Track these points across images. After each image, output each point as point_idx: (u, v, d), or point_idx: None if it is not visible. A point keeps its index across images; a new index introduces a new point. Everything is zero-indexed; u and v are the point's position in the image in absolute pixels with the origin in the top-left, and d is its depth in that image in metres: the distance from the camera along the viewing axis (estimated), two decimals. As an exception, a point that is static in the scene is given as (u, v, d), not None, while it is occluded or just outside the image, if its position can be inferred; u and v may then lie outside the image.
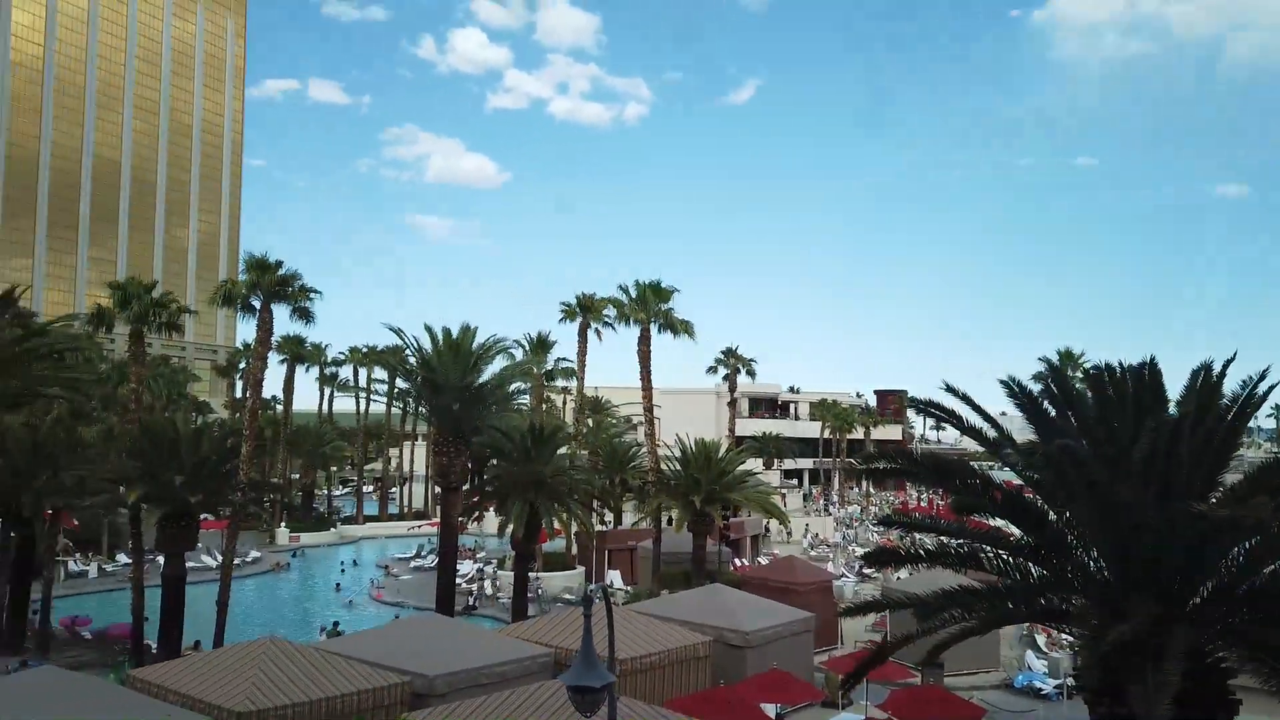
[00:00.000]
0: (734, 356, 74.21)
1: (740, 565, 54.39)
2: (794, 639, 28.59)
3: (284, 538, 69.20)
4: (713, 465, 42.46)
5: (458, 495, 36.91)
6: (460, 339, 35.58)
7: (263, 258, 37.02)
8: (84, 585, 49.77)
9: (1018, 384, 15.71)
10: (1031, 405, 15.59)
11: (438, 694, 20.39)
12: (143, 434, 33.52)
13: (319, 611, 48.02)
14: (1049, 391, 15.62)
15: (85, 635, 38.02)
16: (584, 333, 55.90)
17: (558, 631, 24.64)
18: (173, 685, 18.85)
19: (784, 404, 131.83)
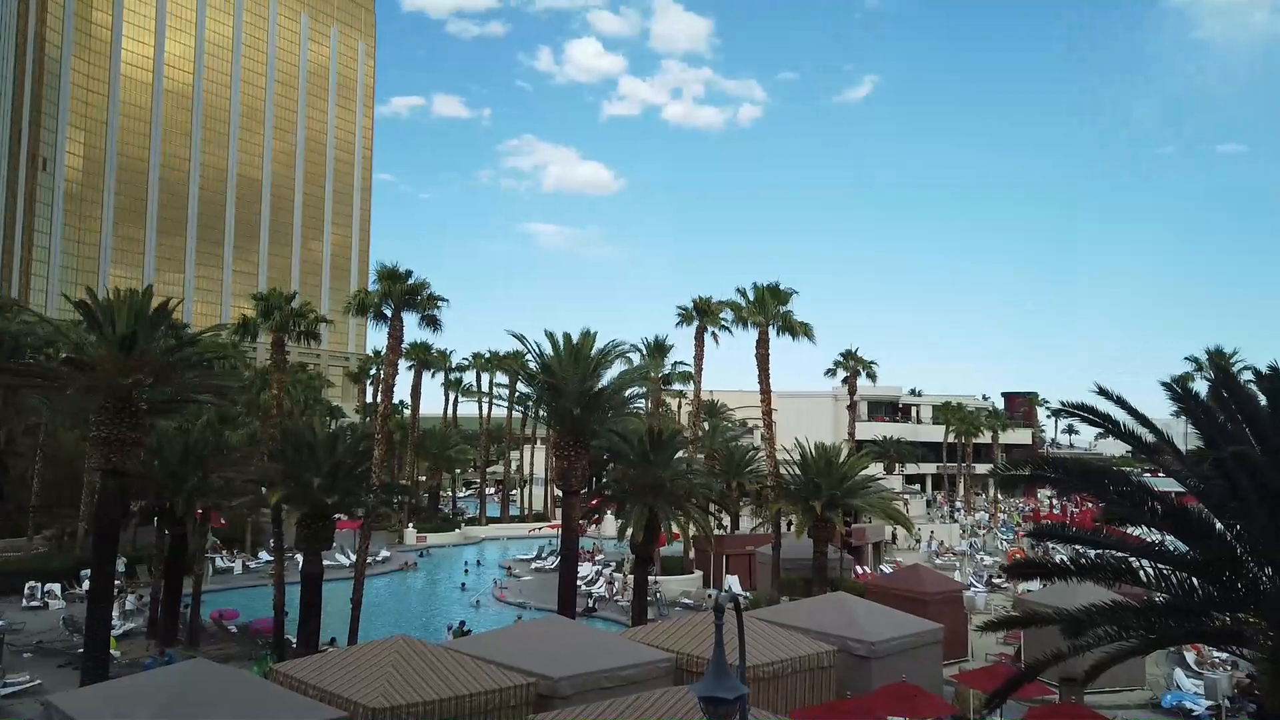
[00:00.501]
0: (853, 359, 72.66)
1: (862, 573, 53.18)
2: (922, 651, 27.70)
3: (411, 538, 71.60)
4: (833, 470, 41.61)
5: (578, 498, 37.32)
6: (580, 344, 35.96)
7: (393, 268, 38.39)
8: (230, 581, 52.67)
9: (1182, 386, 14.64)
10: (1198, 409, 14.50)
11: (562, 696, 20.63)
12: (283, 438, 35.23)
13: (445, 610, 49.42)
14: (1216, 394, 14.50)
15: (231, 629, 40.21)
16: (700, 336, 55.74)
17: (679, 636, 24.57)
18: (312, 680, 19.67)
19: (905, 407, 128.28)
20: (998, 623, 16.42)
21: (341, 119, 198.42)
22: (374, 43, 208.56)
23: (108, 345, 28.04)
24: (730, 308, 50.74)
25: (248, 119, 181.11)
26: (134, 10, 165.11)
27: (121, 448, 27.95)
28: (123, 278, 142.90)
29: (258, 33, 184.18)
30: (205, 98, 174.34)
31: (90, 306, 28.89)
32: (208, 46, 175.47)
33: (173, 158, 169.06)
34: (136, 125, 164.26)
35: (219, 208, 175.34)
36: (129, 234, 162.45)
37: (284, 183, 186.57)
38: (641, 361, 56.91)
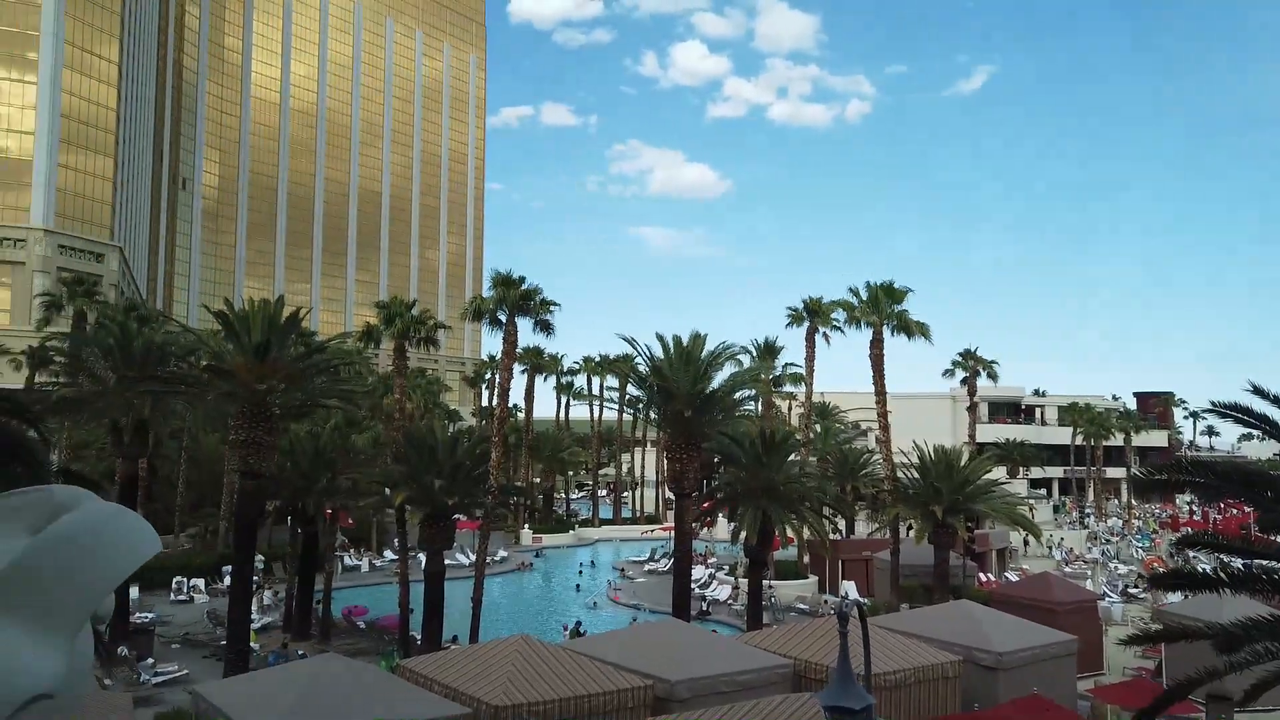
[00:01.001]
0: (973, 358, 70.31)
1: (986, 580, 51.30)
2: (1053, 663, 26.44)
3: (527, 538, 72.95)
4: (954, 473, 40.27)
5: (690, 501, 37.26)
6: (691, 346, 35.91)
7: (507, 274, 39.20)
8: (357, 578, 54.74)
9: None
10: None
11: (679, 699, 20.56)
12: (406, 441, 36.40)
13: (560, 610, 50.11)
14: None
15: (360, 625, 41.79)
16: (811, 337, 54.93)
17: (796, 642, 24.18)
18: (437, 676, 20.19)
19: (1028, 408, 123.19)
20: (1143, 636, 15.46)
21: (455, 131, 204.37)
22: (485, 55, 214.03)
23: (244, 353, 29.55)
24: (842, 307, 49.79)
25: (367, 134, 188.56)
26: (262, 35, 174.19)
27: (258, 450, 29.40)
28: (255, 289, 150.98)
29: (376, 51, 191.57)
30: (328, 115, 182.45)
31: (228, 316, 30.52)
32: (330, 66, 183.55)
33: (299, 173, 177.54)
34: (266, 144, 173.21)
35: (342, 220, 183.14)
36: (260, 247, 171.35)
37: (402, 194, 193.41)
38: (752, 363, 56.47)
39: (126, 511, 2.24)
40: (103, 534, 2.16)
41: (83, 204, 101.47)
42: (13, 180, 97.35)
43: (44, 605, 1.93)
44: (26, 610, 1.89)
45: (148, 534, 2.29)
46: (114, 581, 2.18)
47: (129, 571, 2.17)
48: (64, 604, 1.99)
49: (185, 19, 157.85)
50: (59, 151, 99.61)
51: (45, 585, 1.96)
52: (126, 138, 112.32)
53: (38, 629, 1.90)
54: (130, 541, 2.24)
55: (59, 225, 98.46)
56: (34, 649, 1.85)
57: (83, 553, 2.08)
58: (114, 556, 2.16)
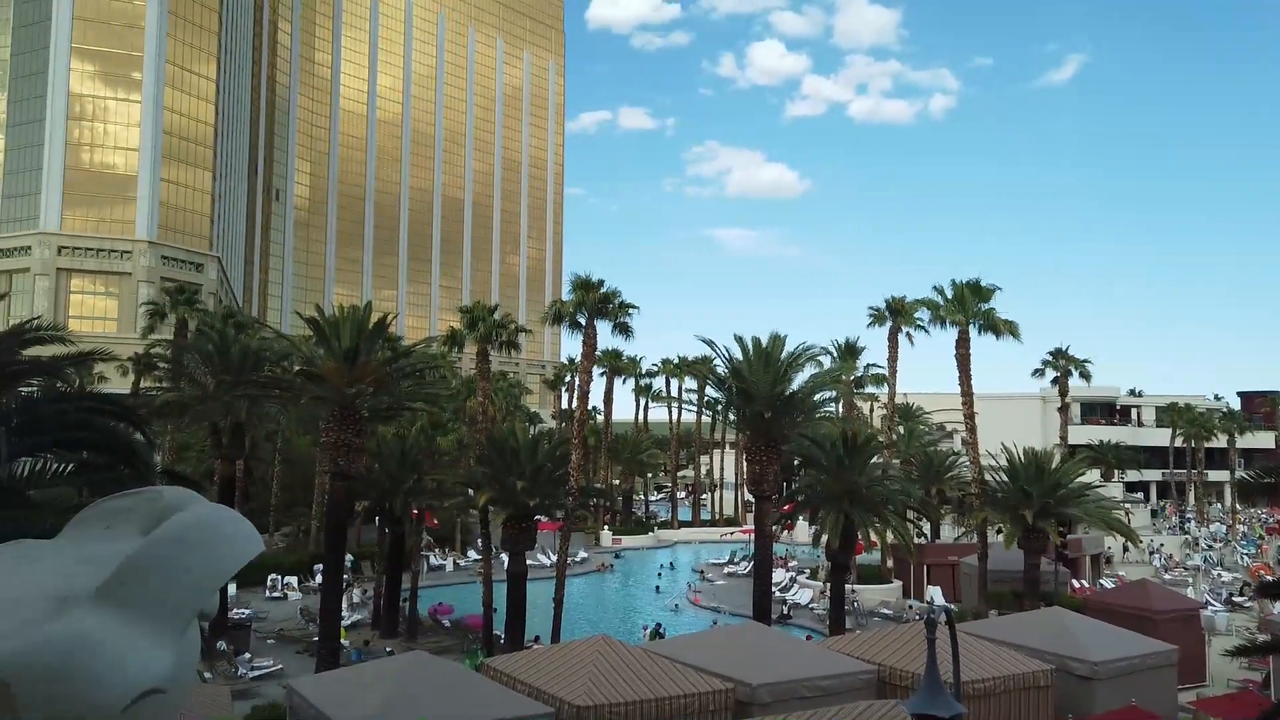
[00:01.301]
0: (1064, 357, 68.05)
1: (1079, 587, 49.62)
2: (1152, 673, 25.41)
3: (607, 540, 73.42)
4: (1045, 476, 39.03)
5: (770, 504, 36.98)
6: (770, 348, 35.64)
7: (586, 278, 39.53)
8: (441, 578, 55.88)
9: None
10: None
11: (760, 703, 20.44)
12: (489, 443, 37.04)
13: (639, 611, 50.28)
14: None
15: (445, 623, 42.65)
16: (894, 337, 53.98)
17: (880, 648, 23.77)
18: (520, 676, 20.49)
19: (1123, 409, 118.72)
20: (1251, 648, 14.78)
21: (535, 137, 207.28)
22: (563, 61, 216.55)
23: (334, 358, 30.50)
24: (926, 306, 48.80)
25: (450, 142, 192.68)
26: (350, 49, 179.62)
27: (347, 452, 30.31)
28: (344, 295, 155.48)
29: (458, 60, 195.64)
30: (412, 124, 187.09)
31: (319, 323, 31.56)
32: (414, 77, 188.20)
33: (385, 182, 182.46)
34: (354, 154, 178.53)
35: (426, 227, 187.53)
36: (349, 255, 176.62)
37: (483, 200, 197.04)
38: (833, 364, 55.83)
39: (231, 512, 2.37)
40: (210, 534, 2.29)
41: (183, 216, 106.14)
42: (119, 195, 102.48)
43: (156, 603, 2.05)
44: (140, 607, 2.01)
45: (251, 534, 2.42)
46: (221, 579, 2.31)
47: (234, 570, 2.29)
48: (174, 601, 2.11)
49: (278, 36, 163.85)
50: (161, 167, 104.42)
51: (157, 583, 2.08)
52: (224, 152, 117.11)
53: (150, 626, 2.02)
54: (235, 541, 2.37)
55: (162, 237, 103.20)
56: (147, 645, 1.96)
57: (192, 552, 2.20)
58: (220, 556, 2.27)
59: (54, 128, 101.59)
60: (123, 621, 1.96)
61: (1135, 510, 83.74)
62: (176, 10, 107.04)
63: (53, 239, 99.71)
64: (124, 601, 2.00)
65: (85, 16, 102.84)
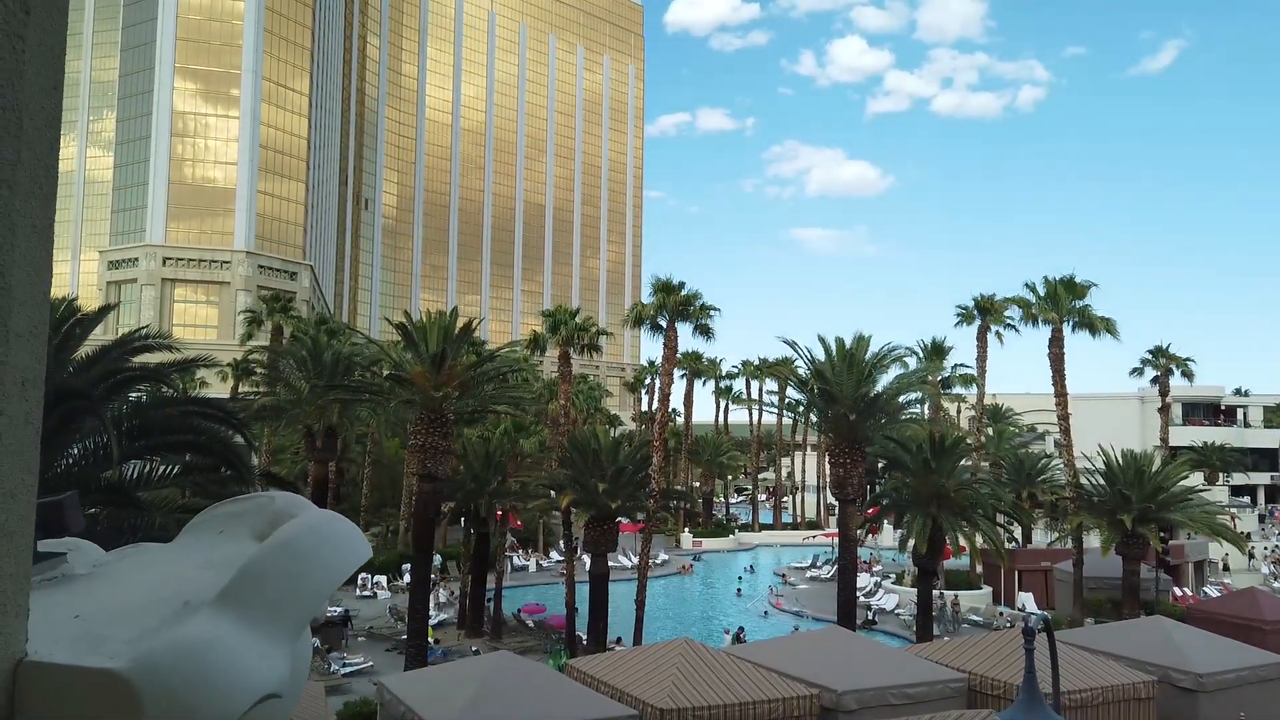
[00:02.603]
0: (1165, 355, 65.34)
1: (1182, 595, 47.55)
2: (1264, 686, 24.17)
3: (688, 542, 73.36)
4: (1145, 480, 37.58)
5: (855, 507, 36.47)
6: (854, 348, 35.16)
7: (667, 280, 39.65)
8: (525, 578, 56.65)
9: None
10: None
11: (846, 710, 20.16)
12: (571, 446, 37.45)
13: (720, 614, 50.10)
14: None
15: (529, 623, 43.25)
16: (983, 336, 52.65)
17: (970, 655, 23.19)
18: (603, 677, 20.65)
19: (1229, 409, 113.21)
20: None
21: (615, 141, 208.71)
22: (643, 66, 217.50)
23: (422, 362, 31.27)
24: (1017, 304, 47.50)
25: (531, 149, 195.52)
26: (435, 60, 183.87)
27: (435, 454, 31.02)
28: (430, 300, 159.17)
29: (539, 68, 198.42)
30: (495, 132, 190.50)
31: (407, 328, 32.40)
32: (496, 85, 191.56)
33: (469, 190, 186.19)
34: (439, 163, 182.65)
35: (508, 233, 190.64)
36: (435, 261, 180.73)
37: (564, 205, 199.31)
38: (919, 365, 54.59)
39: (341, 518, 2.46)
40: (323, 540, 2.34)
41: (279, 227, 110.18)
42: (219, 208, 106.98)
43: (273, 608, 2.12)
44: (257, 614, 2.08)
45: (361, 541, 2.49)
46: (334, 585, 2.37)
47: (346, 575, 2.36)
48: (289, 607, 2.17)
49: (366, 49, 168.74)
50: (258, 179, 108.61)
51: (274, 589, 2.16)
52: (316, 164, 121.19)
53: (268, 631, 2.08)
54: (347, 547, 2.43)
55: (259, 247, 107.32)
56: (266, 650, 2.03)
57: (306, 558, 2.26)
58: (333, 561, 2.33)
59: (159, 144, 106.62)
60: (243, 627, 2.04)
61: (1242, 515, 79.75)
62: (272, 28, 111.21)
63: (158, 251, 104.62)
64: (244, 607, 2.08)
65: (187, 37, 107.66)
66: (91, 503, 15.24)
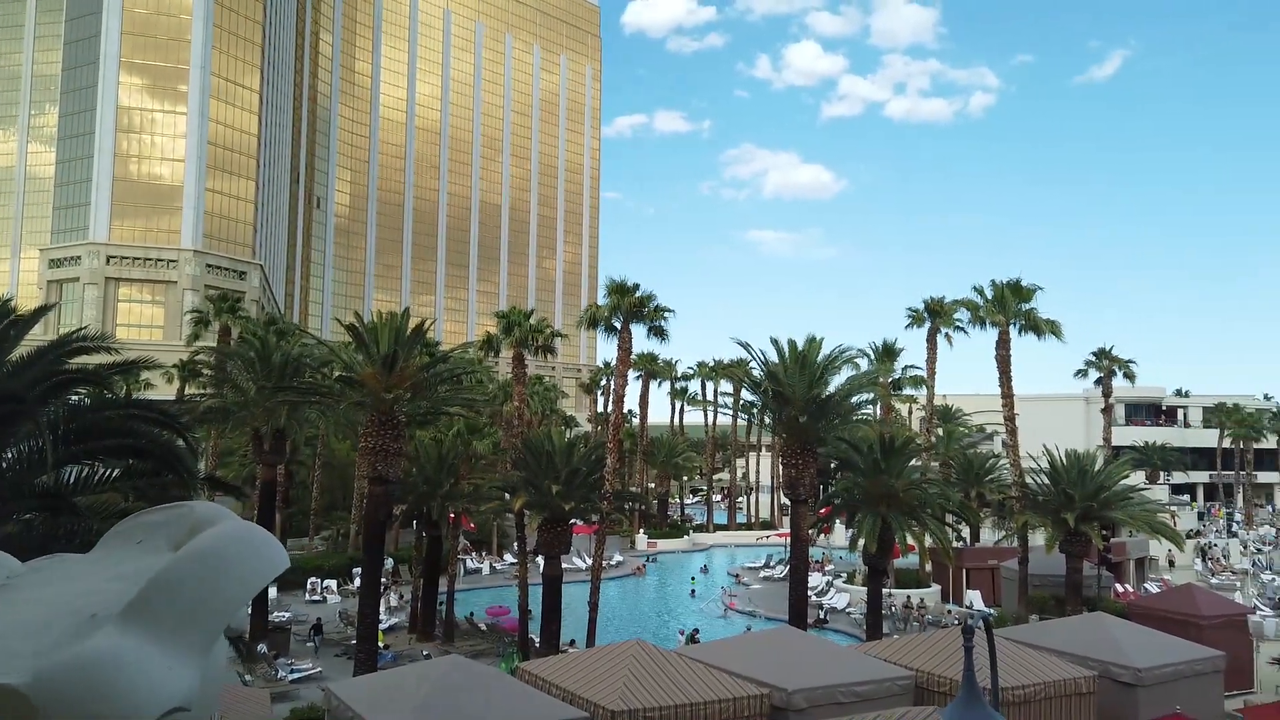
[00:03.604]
0: (1108, 357, 66.96)
1: (1123, 592, 48.75)
2: (1198, 680, 24.89)
3: (642, 543, 73.46)
4: (1088, 479, 38.44)
5: (807, 507, 36.80)
6: (806, 350, 35.48)
7: (622, 282, 39.66)
8: (478, 581, 56.31)
9: None
10: None
11: (796, 708, 20.35)
12: (525, 448, 37.29)
13: (675, 616, 50.25)
14: None
15: (481, 626, 42.97)
16: (933, 338, 53.47)
17: (918, 653, 23.54)
18: (555, 679, 20.61)
19: (1169, 409, 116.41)
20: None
21: (571, 142, 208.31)
22: (600, 66, 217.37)
23: (373, 364, 30.92)
24: (966, 307, 48.32)
25: (487, 148, 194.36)
26: (389, 58, 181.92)
27: (386, 457, 30.68)
28: (383, 301, 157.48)
29: (495, 67, 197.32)
30: (450, 131, 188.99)
31: (358, 329, 32.00)
32: (452, 84, 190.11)
33: (423, 189, 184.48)
34: (393, 162, 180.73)
35: (464, 233, 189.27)
36: (388, 261, 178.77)
37: (520, 205, 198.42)
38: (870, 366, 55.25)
39: (258, 529, 2.44)
40: (237, 551, 2.33)
41: (227, 225, 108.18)
42: (166, 205, 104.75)
43: (182, 620, 2.11)
44: (166, 625, 2.07)
45: (278, 551, 2.48)
46: (247, 596, 2.37)
47: (260, 587, 2.35)
48: (200, 618, 2.17)
49: (319, 46, 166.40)
50: (206, 177, 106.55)
51: (184, 600, 2.14)
52: (266, 161, 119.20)
53: (176, 643, 2.07)
54: (264, 557, 2.42)
55: (206, 246, 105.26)
56: (173, 663, 2.02)
57: (218, 569, 2.25)
58: (247, 572, 2.32)
59: (103, 140, 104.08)
60: (149, 639, 2.03)
61: (1181, 513, 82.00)
62: (221, 24, 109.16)
63: (102, 249, 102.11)
64: (151, 619, 2.07)
65: (134, 31, 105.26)
66: (26, 509, 14.83)
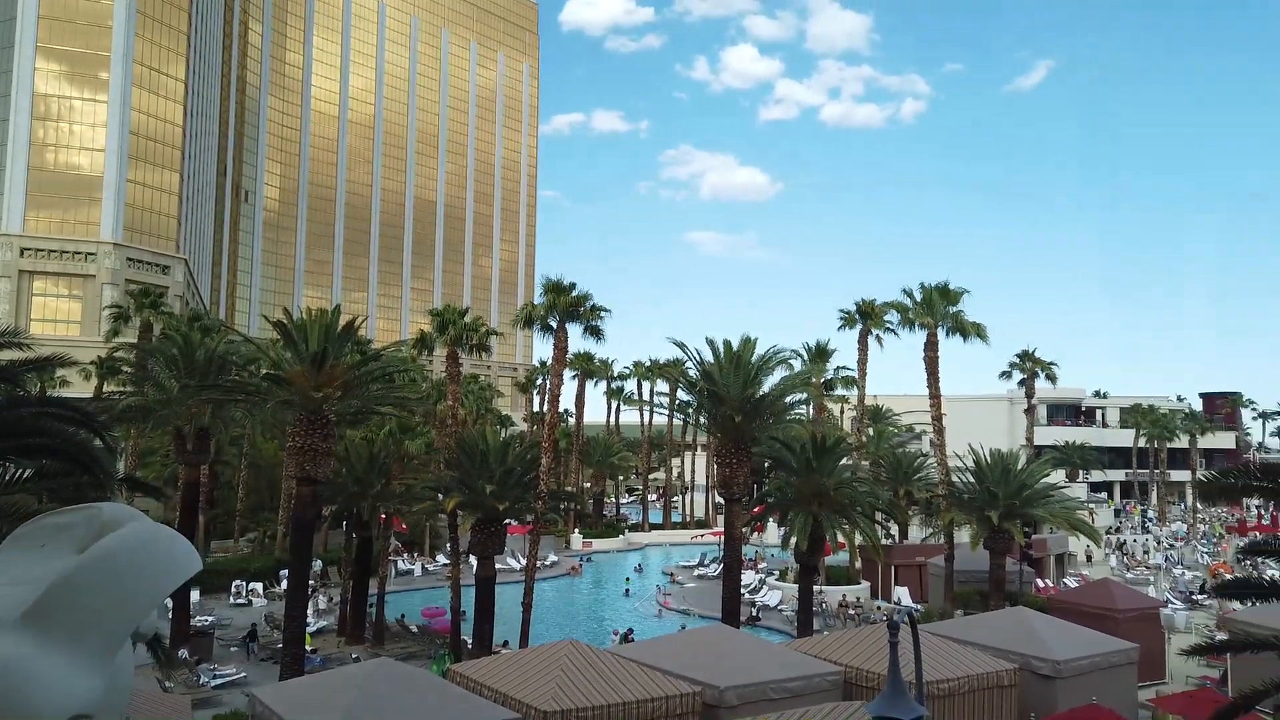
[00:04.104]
0: (1031, 359, 69.00)
1: (1044, 587, 50.29)
2: (1113, 671, 25.82)
3: (577, 543, 73.32)
4: (1011, 477, 39.57)
5: (740, 506, 37.14)
6: (741, 351, 35.83)
7: (558, 281, 39.53)
8: (410, 583, 55.55)
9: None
10: None
11: (727, 706, 20.54)
12: (458, 447, 36.91)
13: (610, 615, 50.28)
14: None
15: (413, 629, 42.39)
16: (864, 340, 54.44)
17: (847, 649, 23.97)
18: (487, 681, 20.45)
19: (1089, 410, 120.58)
20: (1207, 646, 15.08)
21: (508, 139, 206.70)
22: (537, 64, 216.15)
23: (301, 362, 30.26)
24: (895, 309, 49.34)
25: (422, 144, 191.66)
26: (321, 50, 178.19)
27: (314, 457, 30.07)
28: (314, 298, 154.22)
29: (431, 62, 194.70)
30: (385, 126, 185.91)
31: (286, 326, 31.29)
32: (387, 78, 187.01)
33: (356, 184, 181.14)
34: (325, 156, 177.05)
35: (398, 229, 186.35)
36: (319, 257, 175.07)
37: (456, 203, 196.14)
38: (803, 367, 56.07)
39: (168, 530, 2.37)
40: (144, 554, 2.27)
41: (150, 218, 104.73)
42: (84, 196, 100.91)
43: (86, 625, 2.04)
44: (69, 630, 1.99)
45: (189, 553, 2.41)
46: (155, 600, 2.30)
47: (169, 590, 2.29)
48: (105, 623, 2.09)
49: (248, 36, 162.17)
50: (128, 168, 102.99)
51: (87, 605, 2.07)
52: (192, 153, 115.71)
53: (79, 649, 2.01)
54: (171, 560, 2.35)
55: (127, 239, 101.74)
56: (75, 669, 1.95)
57: (124, 572, 2.18)
58: (155, 575, 2.25)
59: (18, 128, 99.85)
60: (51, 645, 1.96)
61: (1099, 510, 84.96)
62: (145, 10, 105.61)
63: (15, 240, 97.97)
64: (52, 625, 2.00)
65: (52, 16, 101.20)
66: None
